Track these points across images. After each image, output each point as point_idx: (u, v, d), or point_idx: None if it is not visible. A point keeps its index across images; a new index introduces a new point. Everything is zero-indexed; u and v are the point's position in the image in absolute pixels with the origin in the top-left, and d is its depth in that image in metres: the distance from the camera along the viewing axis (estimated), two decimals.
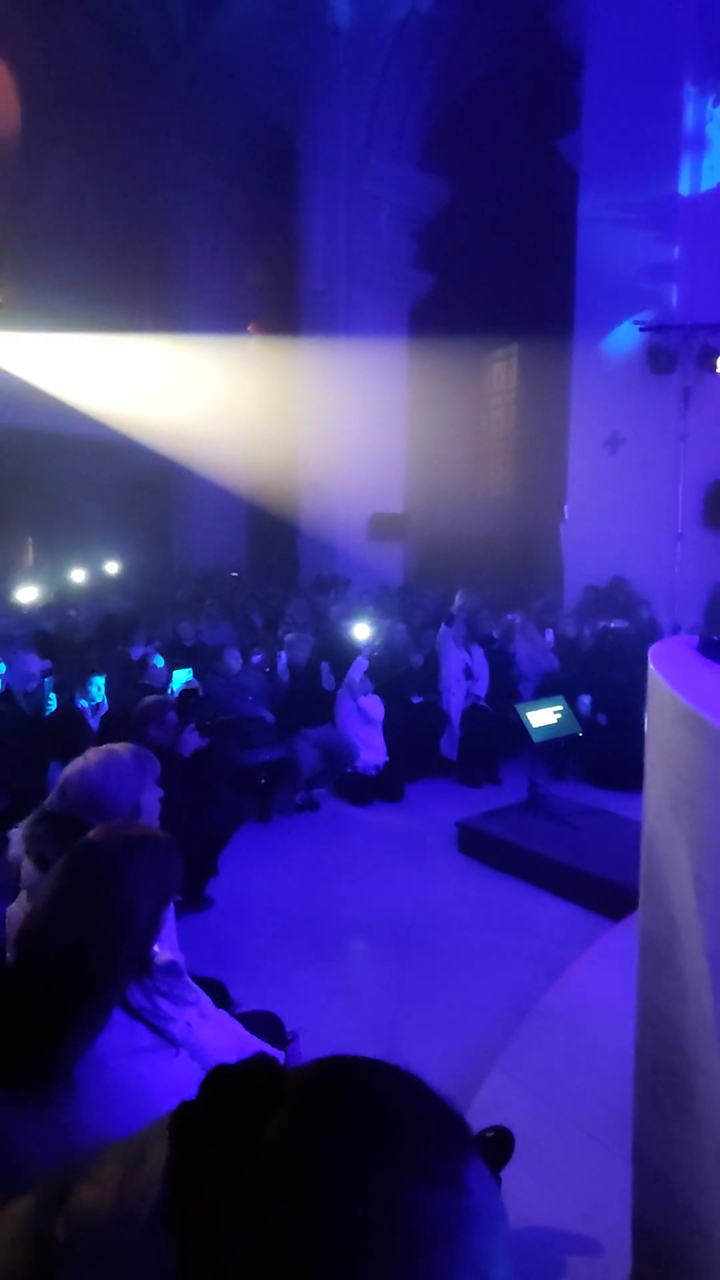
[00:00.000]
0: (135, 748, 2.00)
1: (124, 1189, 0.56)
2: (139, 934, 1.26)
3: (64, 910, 1.23)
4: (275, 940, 3.83)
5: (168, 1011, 1.29)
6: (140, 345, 15.47)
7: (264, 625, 9.05)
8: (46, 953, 1.20)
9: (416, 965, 3.58)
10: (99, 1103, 1.14)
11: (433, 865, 4.74)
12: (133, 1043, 1.21)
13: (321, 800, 5.79)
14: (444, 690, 6.45)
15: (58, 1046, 1.13)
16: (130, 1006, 1.23)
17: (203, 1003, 1.46)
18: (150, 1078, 1.20)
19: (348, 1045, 2.03)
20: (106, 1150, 0.62)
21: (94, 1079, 1.15)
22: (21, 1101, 1.13)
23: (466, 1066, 2.79)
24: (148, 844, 1.33)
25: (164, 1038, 1.24)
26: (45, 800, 2.05)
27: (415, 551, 14.61)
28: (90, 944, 1.19)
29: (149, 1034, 1.23)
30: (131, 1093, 1.17)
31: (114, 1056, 1.18)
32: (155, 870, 1.31)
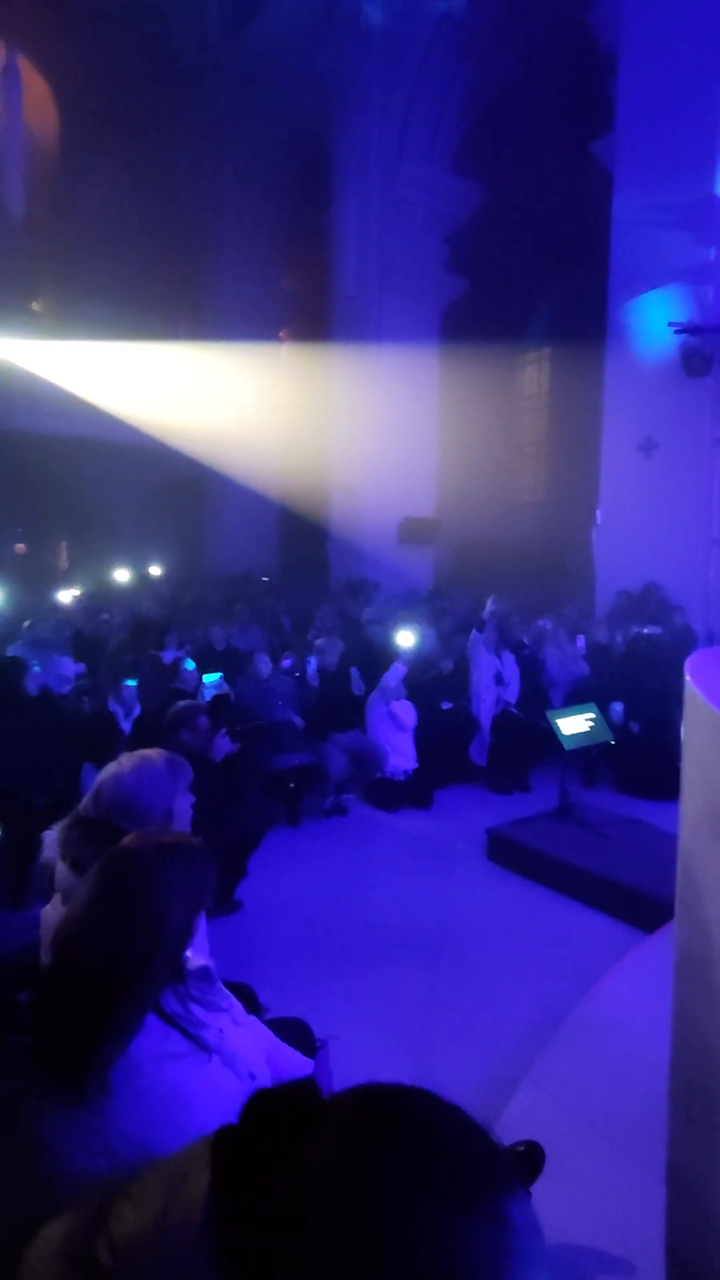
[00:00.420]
0: (168, 754, 2.02)
1: (167, 1213, 0.56)
2: (173, 940, 1.27)
3: (99, 916, 1.25)
4: (303, 945, 3.84)
5: (201, 1017, 1.30)
6: (174, 352, 15.71)
7: (293, 629, 9.09)
8: (82, 957, 1.22)
9: (445, 974, 3.56)
10: (133, 1107, 1.16)
11: (462, 872, 4.72)
12: (166, 1048, 1.22)
13: (350, 805, 5.80)
14: (474, 696, 6.42)
15: (94, 1050, 1.14)
16: (164, 1012, 1.25)
17: (235, 1009, 1.47)
18: (183, 1084, 1.21)
19: (376, 1054, 2.05)
20: (148, 1171, 0.63)
21: (128, 1083, 1.16)
22: (58, 1103, 1.15)
23: (496, 1078, 2.77)
24: (182, 851, 1.35)
25: (197, 1044, 1.25)
26: (78, 802, 2.08)
27: (445, 556, 14.57)
28: (125, 950, 1.21)
29: (182, 1040, 1.24)
30: (165, 1098, 1.19)
31: (148, 1061, 1.19)
32: (189, 877, 1.32)
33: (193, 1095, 1.21)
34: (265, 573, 15.23)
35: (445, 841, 5.19)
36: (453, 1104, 0.57)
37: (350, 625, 8.53)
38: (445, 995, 3.40)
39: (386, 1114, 0.55)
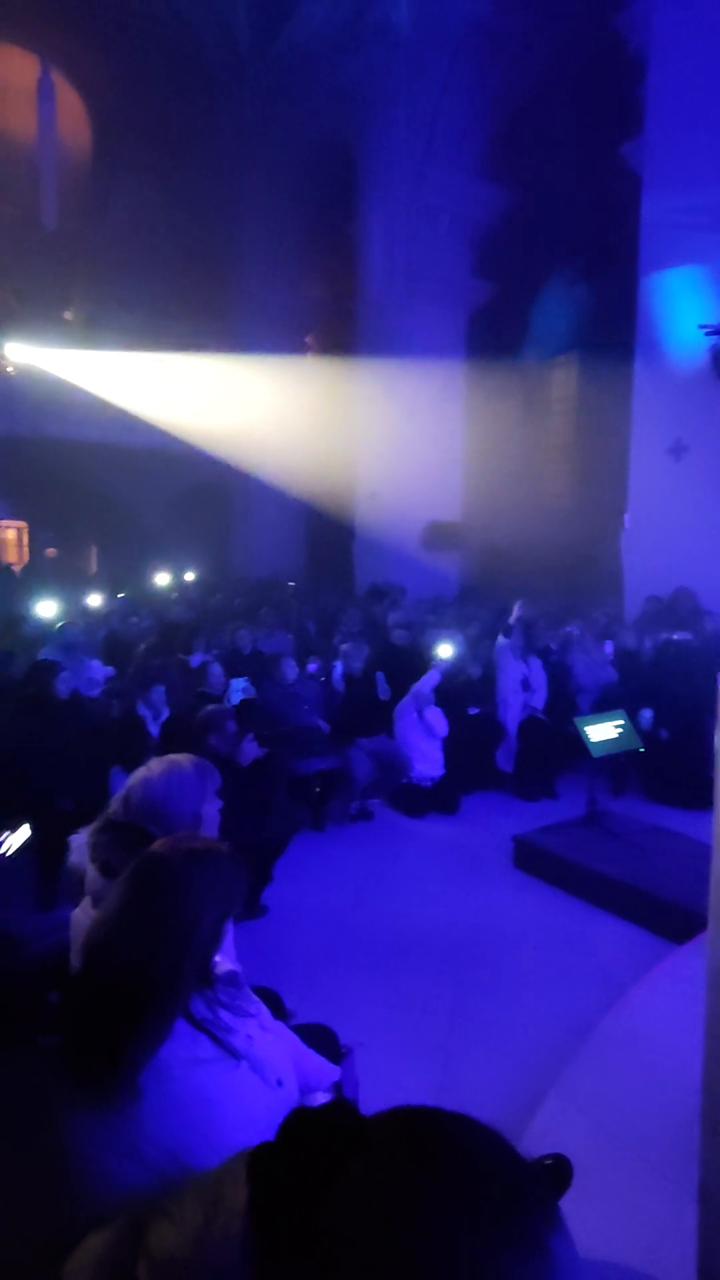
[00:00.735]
0: (197, 759, 2.04)
1: (206, 1231, 0.56)
2: (202, 946, 1.28)
3: (130, 921, 1.26)
4: (329, 950, 3.83)
5: (229, 1023, 1.30)
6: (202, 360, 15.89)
7: (318, 633, 9.11)
8: (112, 962, 1.23)
9: (471, 982, 3.54)
10: (162, 1111, 1.17)
11: (488, 880, 4.68)
12: (195, 1053, 1.23)
13: (375, 811, 5.79)
14: (501, 702, 6.38)
15: (123, 1054, 1.15)
16: (193, 1017, 1.26)
17: (262, 1014, 1.47)
18: (211, 1089, 1.22)
19: (401, 1062, 2.04)
20: (184, 1187, 0.63)
21: (158, 1087, 1.17)
22: (89, 1105, 1.17)
23: (522, 1089, 2.74)
24: (211, 858, 1.36)
25: (226, 1049, 1.26)
26: (106, 805, 2.11)
27: (471, 560, 14.51)
28: (155, 955, 1.22)
29: (211, 1045, 1.25)
30: (194, 1103, 1.19)
31: (177, 1066, 1.20)
32: (218, 884, 1.33)
33: (221, 1101, 1.22)
34: (291, 577, 15.30)
35: (471, 848, 5.16)
36: (492, 1130, 0.57)
37: (376, 630, 8.53)
38: (471, 1003, 3.38)
39: (428, 1141, 0.55)
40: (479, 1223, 0.49)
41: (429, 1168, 0.51)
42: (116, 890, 1.33)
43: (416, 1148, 0.53)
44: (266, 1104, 1.30)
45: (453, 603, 11.78)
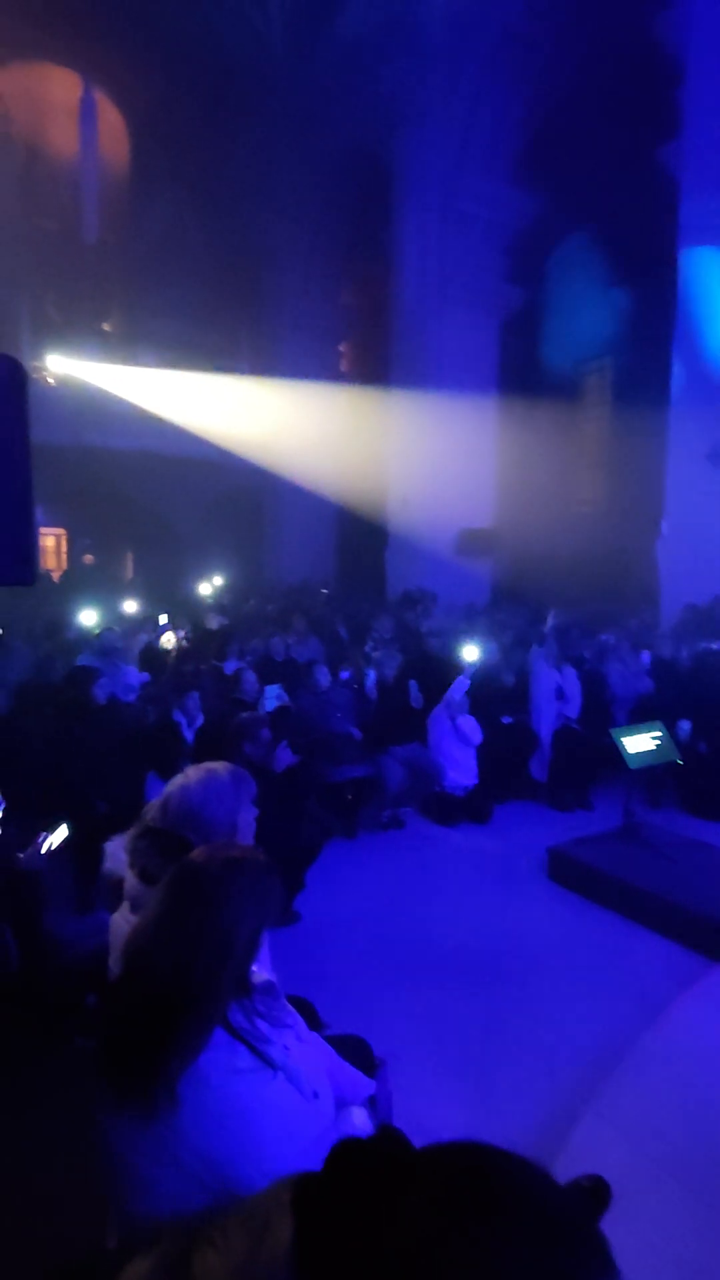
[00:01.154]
0: (233, 767, 2.05)
1: (252, 1263, 0.56)
2: (240, 954, 1.29)
3: (169, 930, 1.27)
4: (361, 959, 3.82)
5: (266, 1033, 1.31)
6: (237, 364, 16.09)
7: (350, 640, 9.12)
8: (151, 970, 1.24)
9: (505, 995, 3.50)
10: (200, 1120, 1.17)
11: (521, 891, 4.63)
12: (233, 1063, 1.23)
13: (407, 819, 5.77)
14: (534, 711, 6.32)
15: (162, 1063, 1.16)
16: (231, 1026, 1.26)
17: (298, 1025, 1.47)
18: (249, 1100, 1.22)
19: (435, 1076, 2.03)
20: (229, 1215, 0.63)
21: (195, 1096, 1.18)
22: (128, 1111, 1.18)
23: (558, 1106, 2.70)
24: (249, 867, 1.36)
25: (264, 1060, 1.26)
26: (141, 809, 2.13)
27: (504, 567, 14.43)
28: (193, 963, 1.23)
29: (249, 1055, 1.25)
30: (231, 1112, 1.20)
31: (215, 1075, 1.20)
32: (256, 893, 1.34)
33: (258, 1111, 1.22)
34: (323, 583, 15.36)
35: (504, 858, 5.11)
36: (544, 1171, 0.56)
37: (408, 637, 8.51)
38: (504, 1017, 3.34)
39: (483, 1186, 0.54)
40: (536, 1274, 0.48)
41: (486, 1217, 0.51)
42: (155, 898, 1.34)
43: (471, 1194, 0.52)
44: (303, 1116, 1.30)
45: (485, 610, 11.71)
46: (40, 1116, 1.94)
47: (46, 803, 4.21)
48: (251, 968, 1.37)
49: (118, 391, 14.90)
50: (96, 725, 4.76)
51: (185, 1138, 1.17)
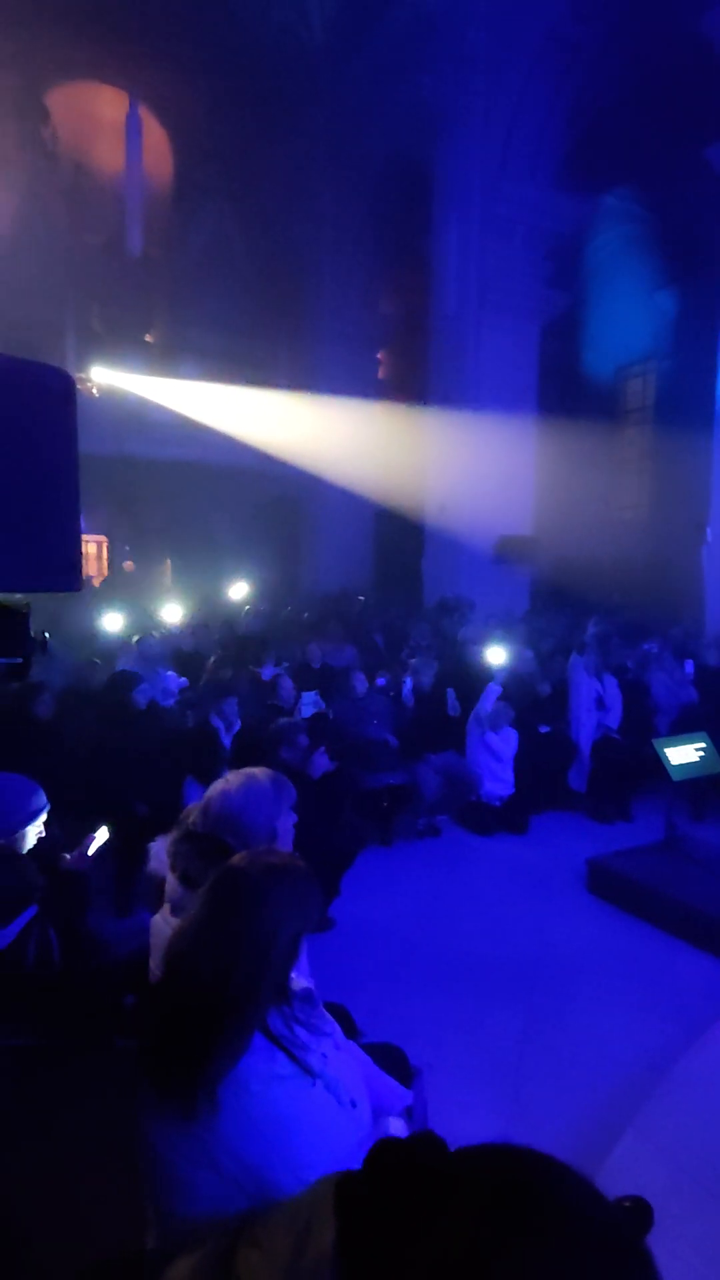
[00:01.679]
0: (274, 773, 2.07)
1: (296, 1263, 0.56)
2: (280, 960, 1.29)
3: (210, 934, 1.29)
4: (396, 968, 3.81)
5: (305, 1040, 1.31)
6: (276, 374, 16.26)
7: (386, 647, 9.10)
8: (194, 974, 1.26)
9: (542, 1008, 3.45)
10: (238, 1125, 1.18)
11: (559, 903, 4.57)
12: (272, 1070, 1.24)
13: (443, 827, 5.73)
14: (573, 720, 6.23)
15: (202, 1067, 1.17)
16: (270, 1032, 1.27)
17: (336, 1033, 1.47)
18: (287, 1107, 1.23)
19: (470, 1087, 2.02)
20: (270, 1215, 0.63)
21: (235, 1100, 1.19)
22: (168, 1113, 1.19)
23: (596, 1123, 2.65)
24: (289, 873, 1.37)
25: (302, 1067, 1.27)
26: (179, 813, 2.16)
27: (543, 574, 14.28)
28: (234, 968, 1.24)
29: (288, 1062, 1.26)
30: (270, 1119, 1.20)
31: (255, 1081, 1.21)
32: (296, 900, 1.35)
33: (297, 1119, 1.22)
34: (360, 590, 15.38)
35: (542, 869, 5.05)
36: (587, 1180, 0.55)
37: (445, 644, 8.48)
38: (541, 1030, 3.29)
39: (527, 1193, 0.53)
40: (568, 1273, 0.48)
41: (531, 1226, 0.50)
42: (197, 903, 1.36)
43: (515, 1201, 0.52)
44: (341, 1125, 1.30)
45: (524, 617, 11.60)
46: (80, 1115, 1.97)
47: (88, 805, 4.30)
48: (291, 974, 1.37)
49: (160, 401, 15.17)
50: (136, 730, 4.83)
51: (224, 1142, 1.18)
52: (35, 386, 1.55)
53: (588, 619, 8.37)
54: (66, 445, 1.59)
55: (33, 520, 1.53)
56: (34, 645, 1.63)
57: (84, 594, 11.55)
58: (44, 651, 1.71)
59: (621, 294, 14.88)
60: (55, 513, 1.58)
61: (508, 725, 5.77)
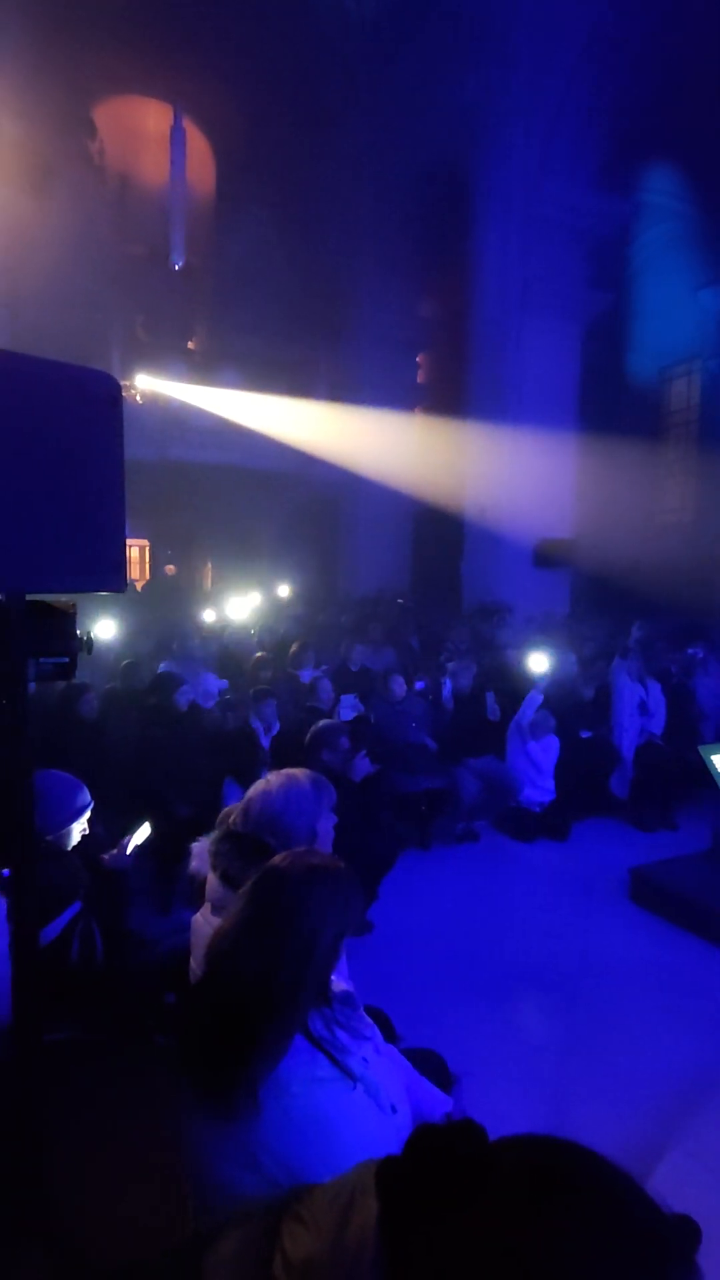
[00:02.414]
0: (314, 775, 2.07)
1: (340, 1239, 0.57)
2: (321, 962, 1.29)
3: (252, 936, 1.29)
4: (434, 973, 3.77)
5: (346, 1043, 1.30)
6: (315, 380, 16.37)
7: (423, 650, 9.07)
8: (235, 975, 1.26)
9: (584, 1019, 3.38)
10: (279, 1127, 1.18)
11: (602, 912, 4.48)
12: (313, 1072, 1.23)
13: (482, 832, 5.68)
14: (616, 725, 6.12)
15: (243, 1068, 1.17)
16: (311, 1035, 1.27)
17: (376, 1037, 1.46)
18: (329, 1109, 1.22)
19: (510, 1096, 1.98)
20: (315, 1192, 0.64)
21: (276, 1102, 1.18)
22: (210, 1113, 1.19)
23: (641, 1139, 2.58)
24: (330, 874, 1.37)
25: (343, 1070, 1.26)
26: (218, 813, 2.18)
27: (583, 578, 14.09)
28: (276, 970, 1.24)
29: (329, 1065, 1.25)
30: (311, 1121, 1.20)
31: (295, 1083, 1.21)
32: (337, 901, 1.34)
33: (337, 1122, 1.21)
34: (398, 593, 15.36)
35: (583, 877, 4.96)
36: (628, 1173, 0.55)
37: (484, 648, 8.41)
38: (583, 1041, 3.23)
39: (565, 1179, 0.54)
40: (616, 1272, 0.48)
41: (569, 1208, 0.51)
42: (238, 905, 1.36)
43: (554, 1184, 0.53)
44: (381, 1129, 1.28)
45: (564, 621, 11.44)
46: (121, 1109, 1.99)
47: (130, 805, 4.36)
48: (332, 976, 1.37)
49: (201, 406, 15.40)
50: (178, 731, 4.89)
51: (264, 1143, 1.18)
52: (83, 391, 1.58)
53: (630, 623, 8.21)
54: (113, 448, 1.62)
55: (79, 522, 1.56)
56: (80, 645, 1.66)
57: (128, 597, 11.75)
58: (89, 652, 1.74)
59: (665, 293, 14.63)
60: (101, 515, 1.61)
61: (549, 734, 5.68)
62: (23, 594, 1.49)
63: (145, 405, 15.27)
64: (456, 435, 13.44)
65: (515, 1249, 0.49)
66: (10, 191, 10.22)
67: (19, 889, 1.50)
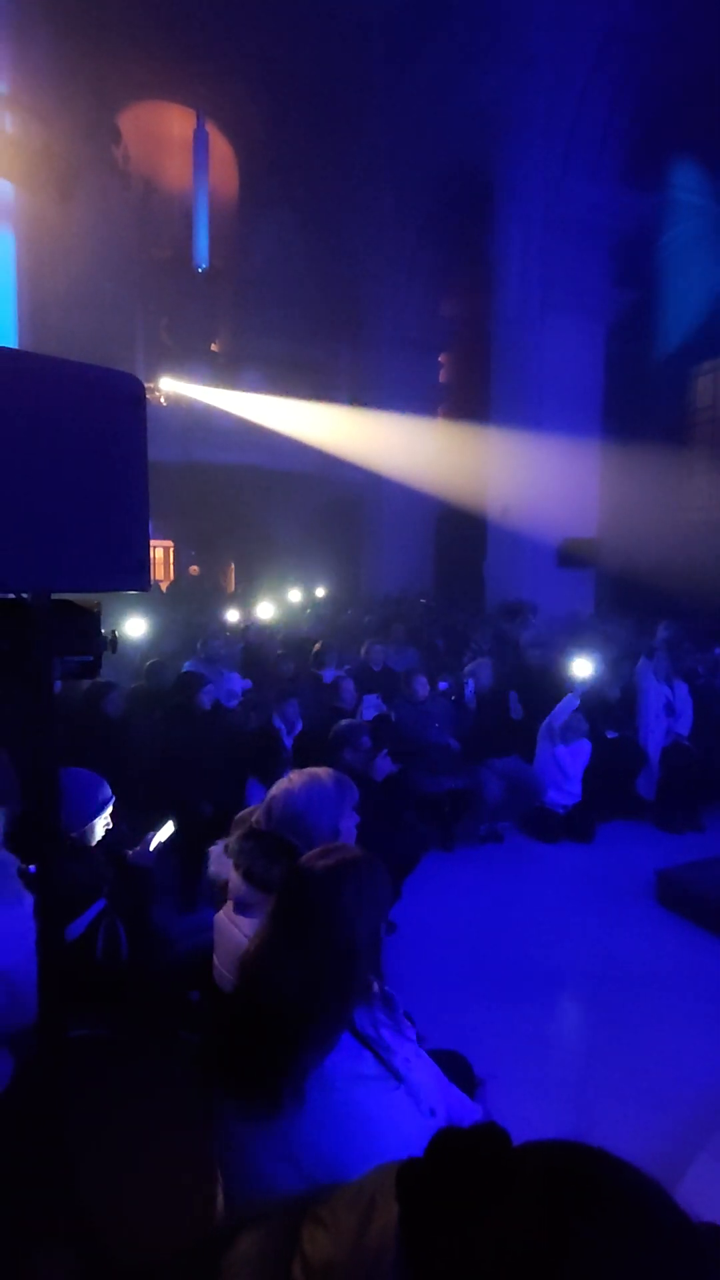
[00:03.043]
0: (337, 774, 2.07)
1: (360, 1242, 0.56)
2: (364, 957, 1.29)
3: (289, 951, 1.27)
4: (458, 974, 3.75)
5: (390, 1042, 1.30)
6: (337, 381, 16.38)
7: (447, 650, 9.03)
8: (279, 984, 1.25)
9: (610, 1023, 3.34)
10: (323, 1122, 1.17)
11: (628, 915, 4.42)
12: (358, 1069, 1.23)
13: (506, 833, 5.64)
14: (642, 726, 6.05)
15: (291, 1061, 1.17)
16: (358, 1032, 1.26)
17: (414, 1039, 1.46)
18: (371, 1107, 1.21)
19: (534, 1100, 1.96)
20: (335, 1195, 0.63)
21: (320, 1097, 1.18)
22: (252, 1113, 1.19)
23: (668, 1146, 2.55)
24: (354, 868, 1.36)
25: (389, 1069, 1.25)
26: (240, 813, 2.18)
27: (608, 577, 13.94)
28: (321, 978, 1.24)
29: (374, 1063, 1.25)
30: (353, 1117, 1.19)
31: (340, 1079, 1.21)
32: (366, 891, 1.33)
33: (379, 1120, 1.21)
34: (421, 593, 15.33)
35: (608, 879, 4.90)
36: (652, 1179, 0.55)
37: (507, 648, 8.35)
38: (608, 1044, 3.19)
39: (589, 1185, 0.53)
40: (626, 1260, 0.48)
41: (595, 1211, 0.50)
42: (267, 922, 1.35)
43: (578, 1191, 0.52)
44: (420, 1132, 1.27)
45: (588, 621, 11.33)
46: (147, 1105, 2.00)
47: (154, 803, 4.39)
48: (378, 962, 1.37)
49: (224, 408, 15.49)
50: (202, 730, 4.92)
51: (306, 1137, 1.18)
52: (107, 391, 1.59)
53: (655, 623, 8.11)
54: (136, 448, 1.63)
55: (103, 521, 1.57)
56: (104, 644, 1.67)
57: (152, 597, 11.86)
58: (114, 650, 1.75)
59: (690, 290, 14.43)
60: (125, 514, 1.61)
61: (581, 739, 5.61)
62: (47, 593, 1.50)
63: (169, 408, 15.39)
64: (478, 435, 13.38)
65: (538, 1255, 0.48)
66: (38, 199, 10.35)
67: (44, 885, 1.51)
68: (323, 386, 16.91)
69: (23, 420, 1.42)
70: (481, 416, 13.50)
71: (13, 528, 1.40)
